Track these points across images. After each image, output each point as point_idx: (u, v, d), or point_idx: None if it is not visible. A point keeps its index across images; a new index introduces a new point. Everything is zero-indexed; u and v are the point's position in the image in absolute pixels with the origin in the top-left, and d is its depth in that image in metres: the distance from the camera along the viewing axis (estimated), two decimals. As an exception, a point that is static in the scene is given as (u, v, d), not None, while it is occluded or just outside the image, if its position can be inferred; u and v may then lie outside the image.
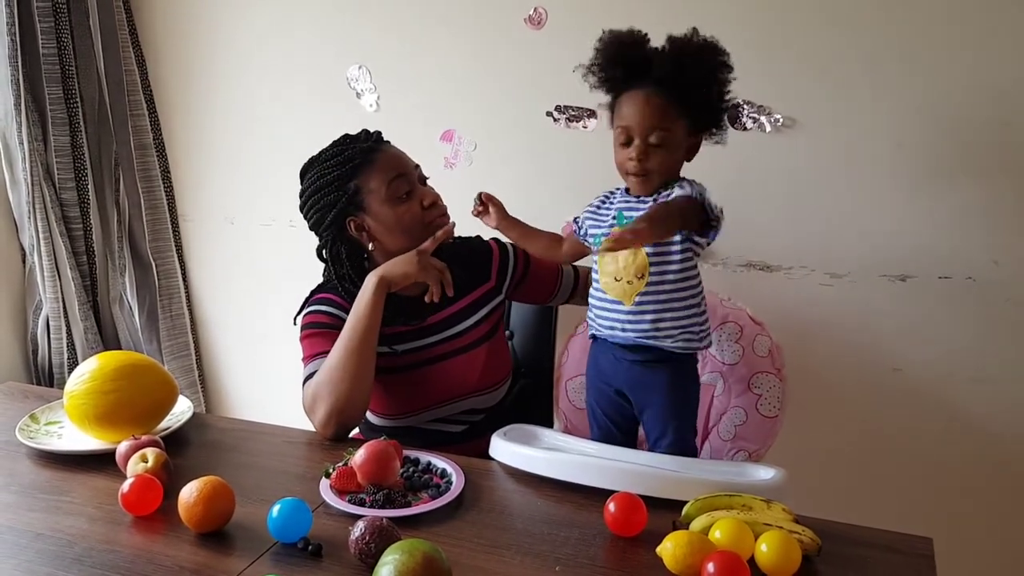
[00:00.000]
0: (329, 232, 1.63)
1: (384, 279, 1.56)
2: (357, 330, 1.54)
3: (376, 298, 1.55)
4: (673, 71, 1.42)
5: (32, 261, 2.29)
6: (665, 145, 1.44)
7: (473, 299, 1.70)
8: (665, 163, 1.45)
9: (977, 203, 1.76)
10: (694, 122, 1.46)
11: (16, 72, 2.13)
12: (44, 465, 1.46)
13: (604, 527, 1.22)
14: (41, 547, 1.20)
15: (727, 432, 1.71)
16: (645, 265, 1.45)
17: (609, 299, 1.51)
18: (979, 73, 1.70)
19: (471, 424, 1.73)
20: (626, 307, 1.49)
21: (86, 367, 1.52)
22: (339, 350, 1.53)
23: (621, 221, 1.49)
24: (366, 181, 1.59)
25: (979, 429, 1.87)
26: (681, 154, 1.48)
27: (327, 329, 1.61)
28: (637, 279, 1.46)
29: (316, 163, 1.64)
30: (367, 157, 1.60)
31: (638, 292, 1.47)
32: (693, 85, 1.42)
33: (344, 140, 1.66)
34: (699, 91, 1.43)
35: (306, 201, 1.65)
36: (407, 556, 1.01)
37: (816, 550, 1.14)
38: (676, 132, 1.45)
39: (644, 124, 1.44)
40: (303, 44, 2.23)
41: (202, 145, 2.44)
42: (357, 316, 1.55)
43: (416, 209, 1.61)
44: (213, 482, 1.23)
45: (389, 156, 1.63)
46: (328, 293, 1.66)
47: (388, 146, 1.65)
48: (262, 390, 2.60)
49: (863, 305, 1.88)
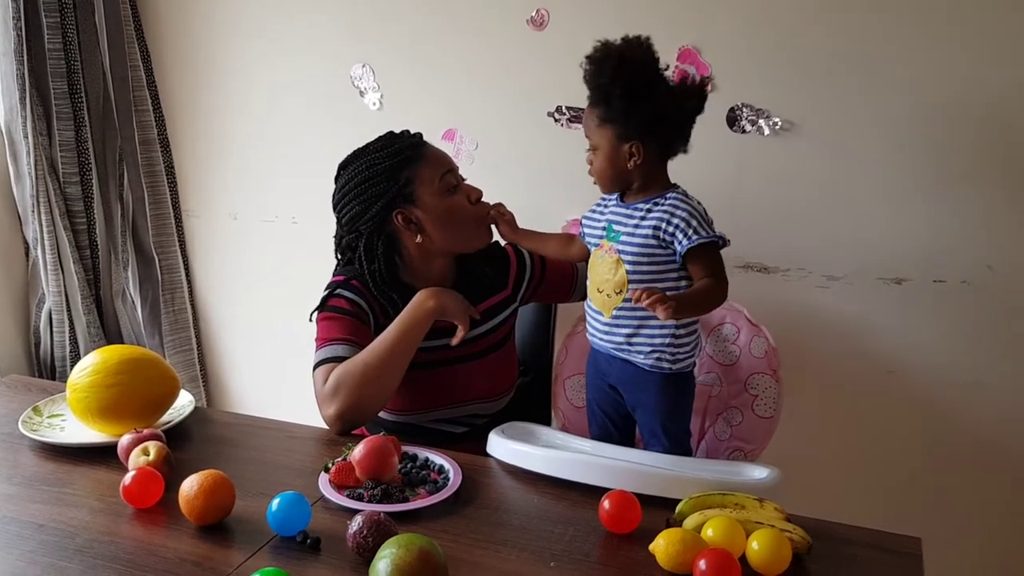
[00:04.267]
0: (370, 225, 1.62)
1: (438, 309, 1.59)
2: (400, 344, 1.55)
3: (427, 322, 1.58)
4: (599, 93, 1.48)
5: (36, 255, 2.30)
6: (596, 152, 1.51)
7: (488, 307, 1.72)
8: (601, 168, 1.51)
9: (973, 208, 1.77)
10: (618, 129, 1.47)
11: (22, 67, 2.14)
12: (47, 457, 1.47)
13: (599, 524, 1.23)
14: (43, 538, 1.22)
15: (723, 432, 1.73)
16: (624, 282, 1.48)
17: (593, 307, 1.54)
18: (977, 77, 1.71)
19: (473, 427, 1.74)
20: (605, 318, 1.51)
21: (89, 360, 1.53)
22: (378, 355, 1.54)
23: (609, 233, 1.52)
24: (417, 173, 1.60)
25: (971, 432, 1.88)
26: (618, 159, 1.49)
27: (345, 315, 1.61)
28: (615, 293, 1.49)
29: (362, 155, 1.64)
30: (417, 151, 1.62)
31: (615, 306, 1.50)
32: (601, 99, 1.47)
33: (390, 135, 1.67)
34: (610, 104, 1.46)
35: (348, 192, 1.63)
36: (404, 550, 1.03)
37: (806, 548, 1.16)
38: (601, 140, 1.49)
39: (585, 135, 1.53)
40: (308, 43, 2.24)
41: (206, 141, 2.46)
42: (404, 330, 1.56)
43: (464, 203, 1.64)
44: (214, 475, 1.24)
45: (436, 152, 1.66)
46: (352, 279, 1.66)
47: (433, 145, 1.68)
48: (263, 385, 2.61)
49: (859, 307, 1.89)
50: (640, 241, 1.46)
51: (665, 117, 1.47)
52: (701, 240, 1.43)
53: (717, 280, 1.45)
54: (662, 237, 1.45)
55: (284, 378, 2.51)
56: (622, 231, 1.49)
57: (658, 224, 1.45)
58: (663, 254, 1.46)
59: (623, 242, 1.48)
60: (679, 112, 1.48)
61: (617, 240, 1.49)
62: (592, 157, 1.53)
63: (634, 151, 1.47)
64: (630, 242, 1.47)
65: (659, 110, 1.46)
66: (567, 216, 2.04)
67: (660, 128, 1.48)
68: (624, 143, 1.47)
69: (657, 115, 1.46)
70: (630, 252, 1.47)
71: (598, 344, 1.57)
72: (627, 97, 1.44)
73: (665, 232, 1.44)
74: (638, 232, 1.47)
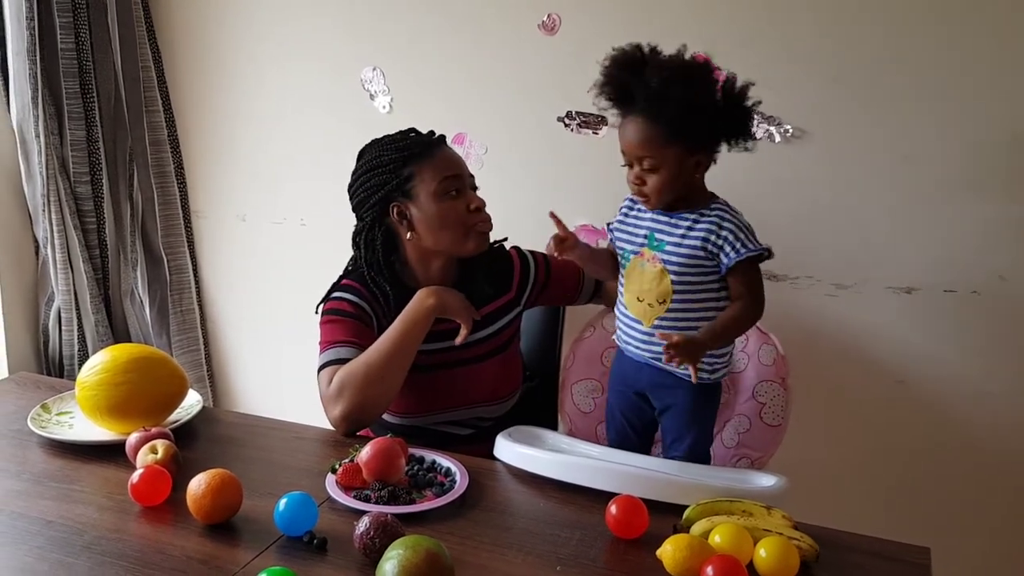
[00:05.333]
0: (370, 214, 1.64)
1: (439, 307, 1.59)
2: (402, 342, 1.56)
3: (428, 320, 1.58)
4: (654, 104, 1.40)
5: (45, 253, 2.31)
6: (658, 170, 1.43)
7: (491, 310, 1.72)
8: (663, 185, 1.44)
9: (984, 217, 1.77)
10: (690, 144, 1.42)
11: (34, 66, 2.15)
12: (55, 454, 1.48)
13: (606, 529, 1.23)
14: (51, 534, 1.22)
15: (730, 439, 1.73)
16: (669, 292, 1.46)
17: (630, 315, 1.52)
18: (989, 87, 1.71)
19: (478, 429, 1.74)
20: (644, 327, 1.50)
21: (98, 358, 1.54)
22: (380, 354, 1.54)
23: (652, 241, 1.49)
24: (420, 170, 1.61)
25: (980, 442, 1.88)
26: (683, 173, 1.44)
27: (347, 318, 1.62)
28: (658, 303, 1.48)
29: (376, 144, 1.66)
30: (427, 150, 1.63)
31: (657, 316, 1.49)
32: (676, 116, 1.39)
33: (409, 130, 1.68)
34: (684, 119, 1.40)
35: (357, 179, 1.67)
36: (411, 552, 1.03)
37: (814, 557, 1.16)
38: (668, 157, 1.42)
39: (634, 152, 1.44)
40: (318, 45, 2.25)
41: (216, 142, 2.46)
42: (405, 329, 1.57)
43: (461, 209, 1.62)
44: (221, 474, 1.24)
45: (448, 155, 1.66)
46: (353, 281, 1.67)
47: (449, 148, 1.68)
48: (269, 386, 2.61)
49: (868, 316, 1.89)
50: (687, 252, 1.45)
51: (735, 122, 1.44)
52: (749, 254, 1.42)
53: (752, 298, 1.45)
54: (710, 249, 1.43)
55: (290, 380, 2.51)
56: (667, 240, 1.47)
57: (707, 236, 1.43)
58: (709, 265, 1.45)
59: (668, 251, 1.46)
60: (745, 114, 1.44)
61: (661, 249, 1.47)
62: (641, 174, 1.45)
63: (700, 162, 1.45)
64: (676, 252, 1.45)
65: (729, 117, 1.43)
66: (576, 222, 2.04)
67: (728, 135, 1.45)
68: (691, 157, 1.43)
69: (729, 123, 1.43)
70: (675, 262, 1.45)
71: (633, 352, 1.54)
72: (696, 109, 1.39)
73: (714, 245, 1.43)
74: (685, 243, 1.45)
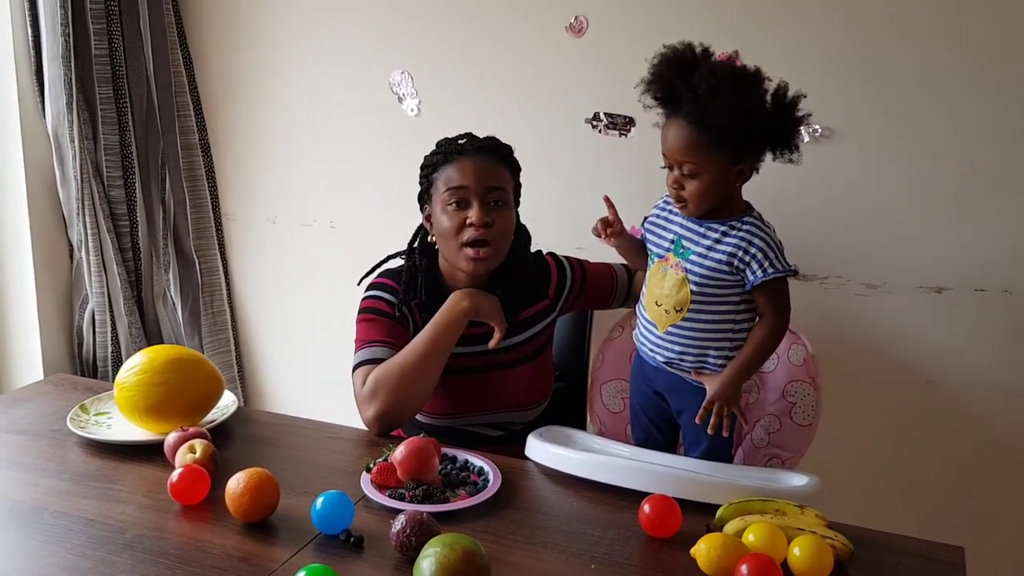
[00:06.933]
0: (421, 209, 1.71)
1: (473, 310, 1.61)
2: (436, 344, 1.58)
3: (462, 322, 1.60)
4: (701, 110, 1.37)
5: (79, 256, 2.35)
6: (699, 176, 1.41)
7: (527, 316, 1.72)
8: (703, 192, 1.42)
9: (1014, 216, 1.76)
10: (734, 153, 1.40)
11: (69, 72, 2.19)
12: (94, 454, 1.50)
13: (639, 528, 1.24)
14: (93, 532, 1.24)
15: (760, 439, 1.73)
16: (687, 302, 1.46)
17: (647, 318, 1.53)
18: (1017, 86, 1.70)
19: (508, 431, 1.76)
20: (659, 331, 1.51)
21: (136, 360, 1.56)
22: (414, 355, 1.56)
23: (678, 248, 1.49)
24: (439, 177, 1.63)
25: (1012, 442, 1.86)
26: (724, 180, 1.42)
27: (383, 317, 1.64)
28: (675, 311, 1.48)
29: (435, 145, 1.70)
30: (450, 157, 1.63)
31: (672, 323, 1.49)
32: (722, 124, 1.36)
33: (460, 136, 1.68)
34: (730, 127, 1.37)
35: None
36: (448, 550, 1.04)
37: (848, 556, 1.16)
38: (710, 164, 1.40)
39: (675, 156, 1.43)
40: (347, 49, 2.27)
41: (246, 146, 2.49)
42: (439, 331, 1.59)
43: (457, 221, 1.59)
44: (259, 474, 1.26)
45: (468, 165, 1.61)
46: (390, 280, 1.69)
47: (478, 157, 1.63)
48: (299, 387, 2.63)
49: (898, 316, 1.88)
50: (712, 265, 1.45)
51: (780, 130, 1.40)
52: (776, 274, 1.41)
53: (776, 316, 1.45)
54: (736, 265, 1.43)
55: (319, 380, 2.53)
56: (693, 249, 1.47)
57: (734, 252, 1.43)
58: (731, 280, 1.45)
59: (692, 261, 1.46)
60: (794, 125, 1.41)
61: (686, 258, 1.47)
62: (680, 178, 1.43)
63: (742, 172, 1.43)
64: (700, 263, 1.46)
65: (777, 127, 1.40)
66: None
67: (775, 146, 1.42)
68: (734, 166, 1.41)
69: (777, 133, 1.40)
70: (698, 273, 1.45)
71: (645, 354, 1.56)
72: (743, 119, 1.36)
73: (740, 261, 1.43)
74: (711, 256, 1.45)
